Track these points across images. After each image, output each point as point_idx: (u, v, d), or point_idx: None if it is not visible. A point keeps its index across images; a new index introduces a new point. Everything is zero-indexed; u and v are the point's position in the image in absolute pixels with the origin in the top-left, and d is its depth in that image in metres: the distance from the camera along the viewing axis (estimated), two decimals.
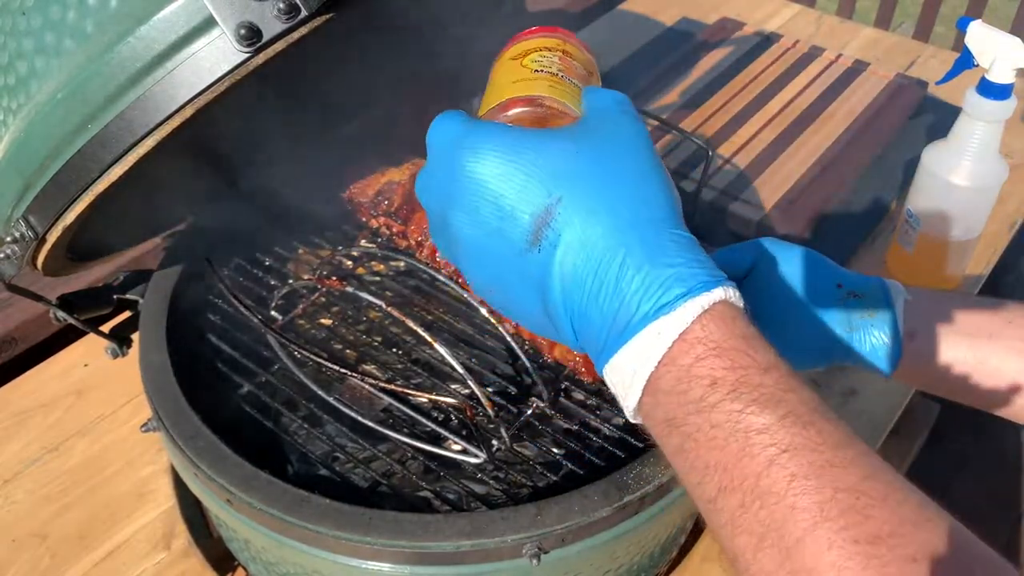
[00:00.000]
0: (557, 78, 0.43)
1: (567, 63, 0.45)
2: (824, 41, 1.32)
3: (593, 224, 0.34)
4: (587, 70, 0.47)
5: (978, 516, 1.55)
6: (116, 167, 0.45)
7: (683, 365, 0.32)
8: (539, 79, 0.43)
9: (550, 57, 0.45)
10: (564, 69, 0.45)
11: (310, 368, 0.64)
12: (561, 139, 0.36)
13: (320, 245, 0.77)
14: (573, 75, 0.44)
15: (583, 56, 0.49)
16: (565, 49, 0.47)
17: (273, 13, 0.40)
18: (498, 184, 0.35)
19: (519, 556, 0.51)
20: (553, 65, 0.45)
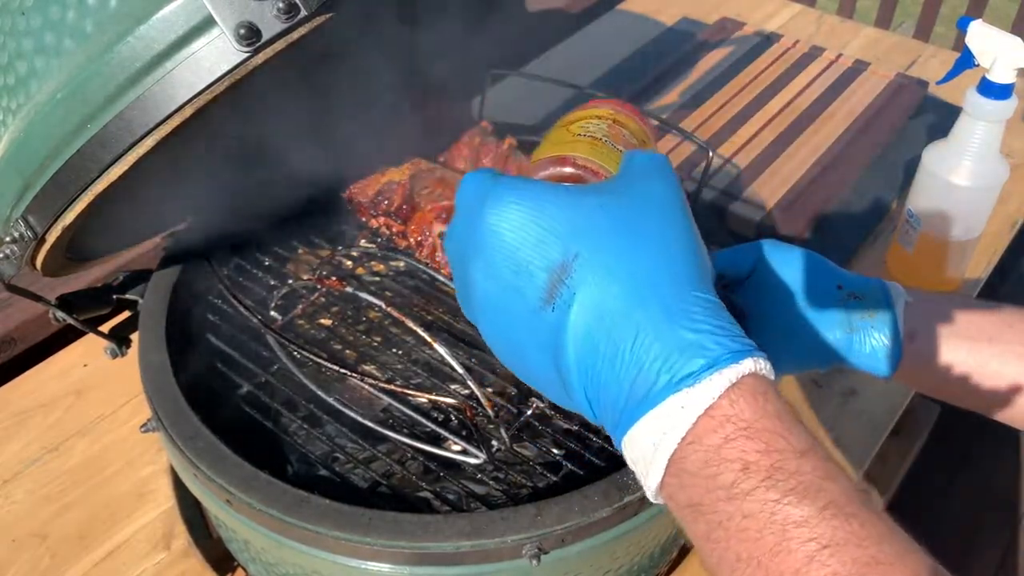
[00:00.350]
0: (600, 142, 0.44)
1: (615, 131, 0.47)
2: (824, 41, 1.32)
3: (610, 283, 0.31)
4: (639, 139, 0.48)
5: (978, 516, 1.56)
6: (115, 167, 0.45)
7: (711, 445, 0.29)
8: (579, 142, 0.44)
9: (598, 124, 0.46)
10: (610, 135, 0.46)
11: (310, 368, 0.64)
12: (586, 194, 0.34)
13: (320, 245, 0.77)
14: (619, 141, 0.45)
15: (635, 126, 0.50)
16: (616, 118, 0.48)
17: (272, 13, 0.40)
18: (515, 236, 0.33)
19: (519, 556, 0.51)
20: (599, 131, 0.46)
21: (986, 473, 1.63)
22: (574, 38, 1.35)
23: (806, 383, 0.85)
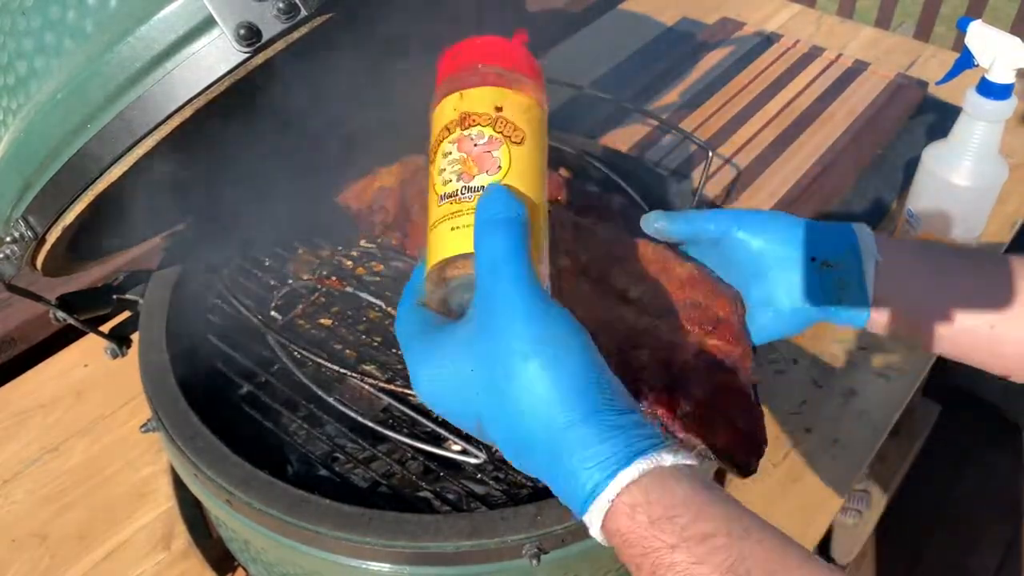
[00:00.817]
0: (460, 204, 0.39)
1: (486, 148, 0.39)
2: (824, 41, 1.32)
3: (508, 439, 0.38)
4: (528, 119, 0.41)
5: (978, 515, 1.56)
6: (116, 167, 0.45)
7: (616, 545, 0.37)
8: (443, 222, 0.39)
9: (468, 144, 0.40)
10: (476, 163, 0.39)
11: (310, 368, 0.64)
12: (461, 357, 0.38)
13: (320, 245, 0.77)
14: (486, 166, 0.39)
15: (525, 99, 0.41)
16: (499, 105, 0.40)
17: (273, 13, 0.40)
18: (442, 408, 0.40)
19: (519, 556, 0.51)
20: (460, 168, 0.39)
21: (986, 472, 1.63)
22: (574, 38, 1.35)
23: (806, 383, 0.85)
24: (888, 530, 1.49)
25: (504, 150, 0.40)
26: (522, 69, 0.43)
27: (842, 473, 0.77)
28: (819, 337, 0.89)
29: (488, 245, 0.38)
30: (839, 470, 0.77)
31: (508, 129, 0.41)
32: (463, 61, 0.43)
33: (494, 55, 0.43)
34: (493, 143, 0.40)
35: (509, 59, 0.43)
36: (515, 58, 0.43)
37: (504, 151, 0.40)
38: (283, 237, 0.76)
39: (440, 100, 0.42)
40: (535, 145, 0.42)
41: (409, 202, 0.68)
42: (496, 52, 0.43)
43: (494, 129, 0.40)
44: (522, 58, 0.44)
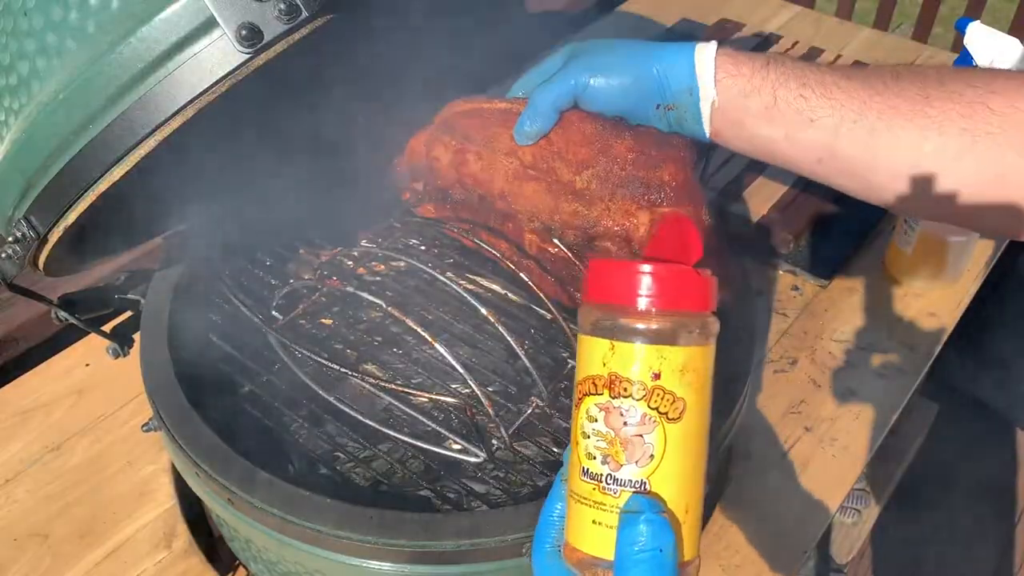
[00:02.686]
0: (603, 495, 0.35)
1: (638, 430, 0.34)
2: (823, 42, 1.32)
3: None
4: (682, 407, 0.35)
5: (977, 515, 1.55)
6: (117, 167, 0.45)
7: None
8: (584, 504, 0.36)
9: (617, 419, 0.35)
10: (624, 447, 0.34)
11: (311, 368, 0.64)
12: None
13: (321, 245, 0.77)
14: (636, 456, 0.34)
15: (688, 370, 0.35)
16: (656, 371, 0.34)
17: (274, 14, 0.40)
18: None
19: (519, 555, 0.52)
20: (606, 447, 0.35)
21: (984, 472, 1.63)
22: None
23: (806, 383, 0.85)
24: (887, 529, 1.49)
25: (659, 433, 0.35)
26: (694, 304, 0.36)
27: (841, 472, 0.77)
28: (819, 337, 0.90)
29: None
30: (838, 469, 0.77)
31: (665, 403, 0.35)
32: (621, 285, 0.35)
33: (661, 288, 0.35)
34: (646, 423, 0.35)
35: (679, 295, 0.35)
36: (688, 291, 0.35)
37: (659, 435, 0.35)
38: (286, 236, 0.77)
39: (586, 333, 0.36)
40: (696, 415, 0.35)
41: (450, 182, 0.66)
42: (664, 284, 0.35)
43: (648, 405, 0.35)
44: (696, 288, 0.36)
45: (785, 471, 0.77)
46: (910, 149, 0.50)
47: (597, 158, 0.55)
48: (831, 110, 0.51)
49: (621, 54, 0.55)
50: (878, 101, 0.50)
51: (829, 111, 0.51)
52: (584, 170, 0.56)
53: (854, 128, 0.51)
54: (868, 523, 1.43)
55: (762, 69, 0.53)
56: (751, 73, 0.53)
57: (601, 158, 0.55)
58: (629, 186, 0.55)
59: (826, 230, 1.00)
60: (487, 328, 0.68)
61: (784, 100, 0.52)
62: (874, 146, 0.51)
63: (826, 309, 0.93)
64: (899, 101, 0.50)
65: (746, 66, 0.53)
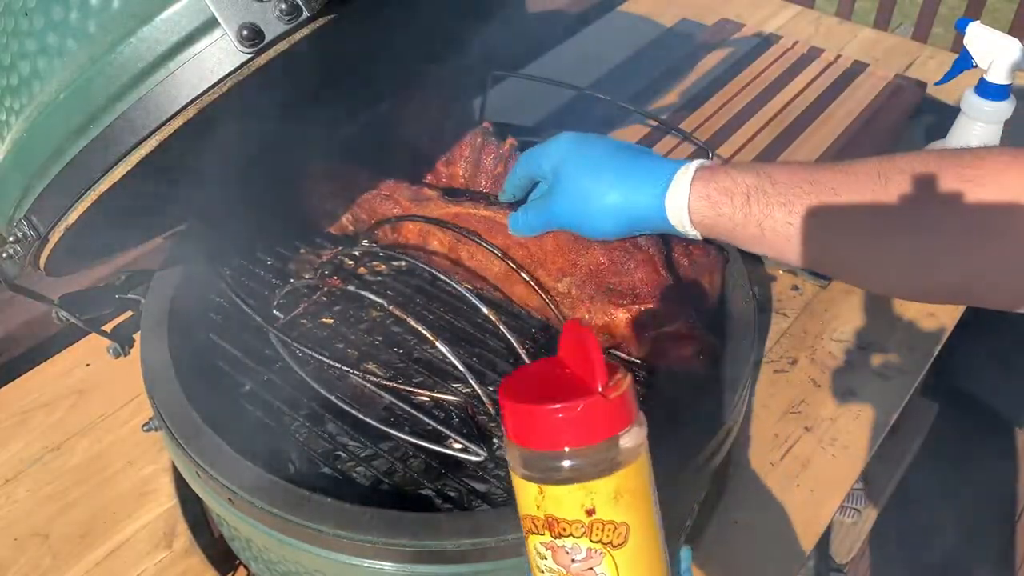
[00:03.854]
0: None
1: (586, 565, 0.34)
2: (823, 42, 1.32)
3: None
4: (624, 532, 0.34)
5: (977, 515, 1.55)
6: (118, 167, 0.45)
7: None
8: None
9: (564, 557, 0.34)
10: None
11: (312, 367, 0.64)
12: None
13: (322, 245, 0.77)
14: None
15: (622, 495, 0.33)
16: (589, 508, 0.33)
17: (275, 14, 0.40)
18: None
19: (520, 555, 0.52)
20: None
21: (984, 472, 1.64)
22: (574, 39, 1.35)
23: (805, 383, 0.85)
24: (886, 529, 1.49)
25: (608, 563, 0.34)
26: (610, 429, 0.33)
27: (841, 472, 0.77)
28: (819, 337, 0.90)
29: None
30: (838, 469, 0.77)
31: (607, 534, 0.33)
32: (534, 430, 0.34)
33: (572, 428, 0.33)
34: (593, 556, 0.34)
35: (592, 428, 0.33)
36: (600, 420, 0.33)
37: (608, 564, 0.34)
38: (287, 236, 0.77)
39: (513, 471, 0.35)
40: (642, 530, 0.34)
41: None
42: (575, 423, 0.33)
43: (590, 540, 0.33)
44: (609, 415, 0.33)
45: (785, 471, 0.77)
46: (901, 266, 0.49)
47: (572, 268, 0.60)
48: (821, 231, 0.50)
49: (602, 193, 0.56)
50: (870, 216, 0.49)
51: (820, 231, 0.50)
52: (563, 277, 0.61)
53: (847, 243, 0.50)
54: (868, 523, 1.43)
55: (743, 207, 0.51)
56: (732, 212, 0.52)
57: (576, 268, 0.60)
58: (605, 292, 0.60)
59: None
60: (488, 327, 0.68)
61: (771, 230, 0.51)
62: (865, 257, 0.50)
63: (826, 309, 0.93)
64: (887, 219, 0.48)
65: (726, 206, 0.52)
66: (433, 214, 0.67)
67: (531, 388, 0.34)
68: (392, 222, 0.69)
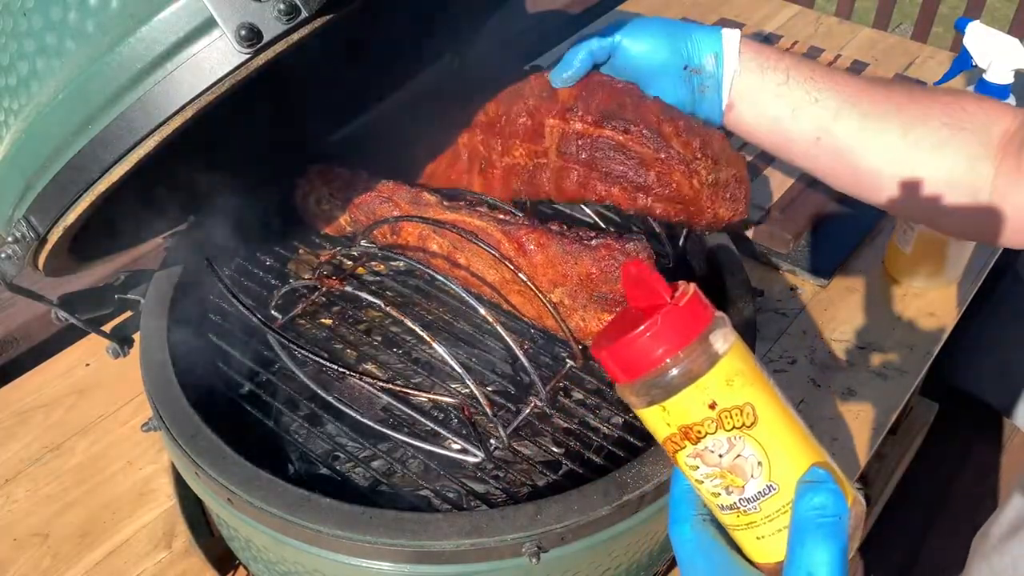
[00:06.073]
0: (749, 516, 0.36)
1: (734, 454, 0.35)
2: (823, 41, 1.32)
3: None
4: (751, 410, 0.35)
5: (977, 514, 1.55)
6: (117, 168, 0.45)
7: None
8: (742, 530, 0.36)
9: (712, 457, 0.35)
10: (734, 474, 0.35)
11: (310, 368, 0.64)
12: None
13: (320, 245, 0.77)
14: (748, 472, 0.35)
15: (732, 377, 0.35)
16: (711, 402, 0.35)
17: (273, 14, 0.40)
18: None
19: (519, 555, 0.52)
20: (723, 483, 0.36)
21: (983, 471, 1.64)
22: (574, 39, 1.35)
23: (805, 382, 0.85)
24: (886, 528, 1.49)
25: (752, 443, 0.35)
26: (697, 327, 0.35)
27: (841, 471, 0.77)
28: (818, 337, 0.90)
29: (808, 555, 0.34)
30: (838, 468, 0.77)
31: (735, 419, 0.35)
32: (635, 359, 0.35)
33: (666, 338, 0.35)
34: (736, 443, 0.35)
35: (683, 331, 0.35)
36: (686, 323, 0.35)
37: (753, 444, 0.35)
38: (286, 236, 0.77)
39: (636, 407, 0.37)
40: (766, 403, 0.36)
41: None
42: (666, 333, 0.35)
43: (725, 430, 0.35)
44: (689, 315, 0.35)
45: None
46: (895, 136, 0.56)
47: (564, 279, 0.60)
48: (833, 93, 0.57)
49: (657, 22, 0.61)
50: (871, 92, 0.57)
51: (831, 93, 0.57)
52: (555, 288, 0.61)
53: (851, 112, 0.57)
54: (868, 523, 1.43)
55: (778, 52, 0.59)
56: (769, 53, 0.59)
57: (567, 279, 0.60)
58: (597, 300, 0.60)
59: (826, 230, 1.00)
60: (486, 328, 0.68)
61: (795, 80, 0.58)
62: (865, 129, 0.57)
63: (826, 309, 0.93)
64: (890, 94, 0.57)
65: (766, 48, 0.59)
66: None
67: (617, 332, 0.36)
68: (391, 222, 0.69)
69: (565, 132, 0.62)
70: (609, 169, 0.61)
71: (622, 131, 0.60)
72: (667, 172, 0.59)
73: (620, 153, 0.60)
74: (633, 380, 0.36)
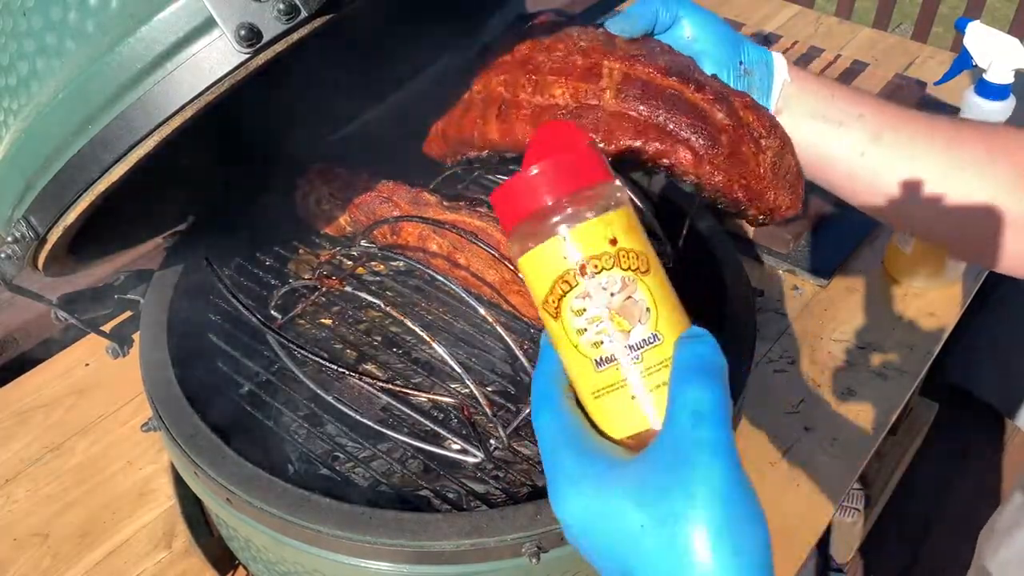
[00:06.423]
0: (625, 368, 0.35)
1: (624, 294, 0.35)
2: (823, 41, 1.32)
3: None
4: (644, 257, 0.36)
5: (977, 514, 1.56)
6: (117, 167, 0.45)
7: None
8: (612, 391, 0.35)
9: (602, 295, 0.35)
10: (622, 315, 0.34)
11: (310, 368, 0.64)
12: (631, 504, 0.34)
13: (320, 245, 0.77)
14: (637, 316, 0.34)
15: (630, 222, 0.36)
16: (612, 237, 0.35)
17: (273, 14, 0.40)
18: (587, 546, 0.35)
19: (519, 555, 0.52)
20: (608, 326, 0.35)
21: (983, 471, 1.64)
22: None
23: (805, 382, 0.85)
24: (886, 528, 1.49)
25: (643, 288, 0.35)
26: (601, 174, 0.36)
27: (841, 472, 0.77)
28: (818, 337, 0.90)
29: (693, 393, 0.34)
30: (838, 469, 0.77)
31: (632, 261, 0.35)
32: (539, 195, 0.35)
33: (572, 176, 0.35)
34: (628, 284, 0.35)
35: (588, 170, 0.36)
36: (590, 164, 0.36)
37: (643, 289, 0.35)
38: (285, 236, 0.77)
39: (531, 245, 0.36)
40: (657, 266, 0.36)
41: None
42: (571, 169, 0.35)
43: (621, 268, 0.35)
44: (593, 159, 0.36)
45: (784, 470, 0.77)
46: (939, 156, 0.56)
47: None
48: (877, 111, 0.57)
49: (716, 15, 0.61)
50: (915, 115, 0.57)
51: (875, 111, 0.57)
52: None
53: (896, 129, 0.56)
54: (868, 523, 1.43)
55: (821, 77, 0.61)
56: (814, 75, 0.60)
57: None
58: None
59: (826, 230, 1.00)
60: (486, 328, 0.68)
61: (840, 97, 0.58)
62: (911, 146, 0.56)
63: (826, 309, 0.93)
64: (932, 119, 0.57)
65: (810, 72, 0.61)
66: None
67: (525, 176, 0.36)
68: (391, 222, 0.69)
69: (629, 75, 0.56)
70: (676, 124, 0.54)
71: (695, 88, 0.54)
72: (737, 141, 0.54)
73: (690, 111, 0.54)
74: (540, 208, 0.35)
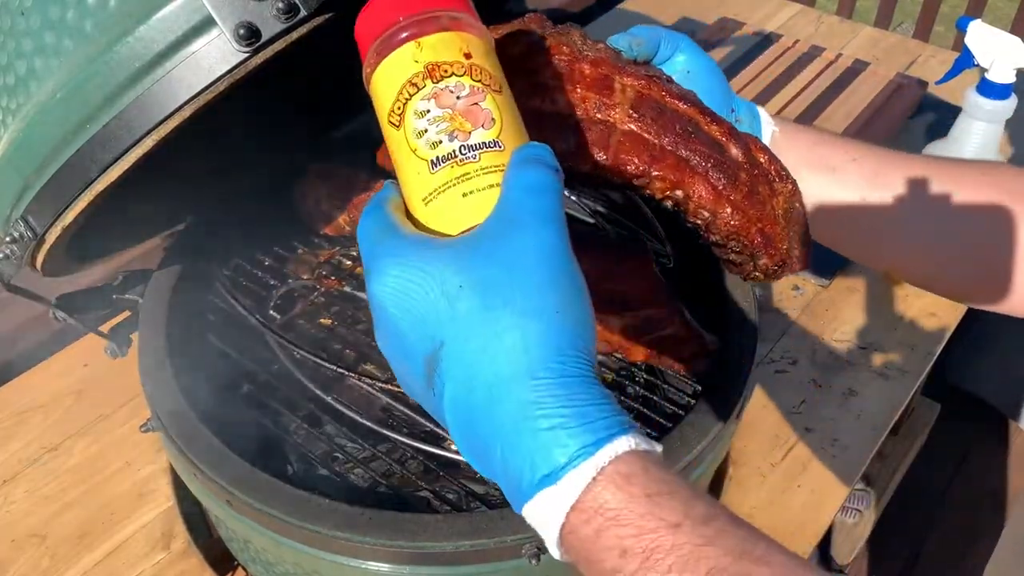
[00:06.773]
0: (464, 166, 0.35)
1: (471, 99, 0.35)
2: (824, 41, 1.32)
3: (470, 378, 0.31)
4: (498, 81, 0.36)
5: (977, 515, 1.56)
6: (115, 167, 0.45)
7: (587, 535, 0.30)
8: (447, 189, 0.35)
9: (448, 97, 0.35)
10: (466, 117, 0.35)
11: (309, 368, 0.64)
12: (451, 269, 0.32)
13: (320, 245, 0.77)
14: (480, 121, 0.35)
15: (489, 54, 0.37)
16: (466, 52, 0.36)
17: (272, 13, 0.40)
18: (396, 315, 0.34)
19: (518, 556, 0.51)
20: (449, 126, 0.35)
21: (984, 472, 1.63)
22: None
23: (806, 383, 0.85)
24: (888, 529, 1.49)
25: (491, 101, 0.36)
26: (461, 7, 0.37)
27: (842, 472, 0.77)
28: (819, 337, 0.89)
29: (529, 174, 0.33)
30: (839, 469, 0.77)
31: (484, 77, 0.36)
32: (398, 11, 0.36)
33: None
34: (476, 93, 0.35)
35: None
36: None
37: (491, 102, 0.36)
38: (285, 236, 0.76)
39: (385, 56, 0.36)
40: (509, 94, 0.37)
41: None
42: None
43: (471, 78, 0.35)
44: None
45: (785, 471, 0.77)
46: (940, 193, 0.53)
47: None
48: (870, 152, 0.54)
49: None
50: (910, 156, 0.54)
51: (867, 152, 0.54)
52: None
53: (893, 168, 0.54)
54: (868, 523, 1.43)
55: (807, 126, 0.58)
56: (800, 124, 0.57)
57: None
58: (599, 302, 0.57)
59: None
60: None
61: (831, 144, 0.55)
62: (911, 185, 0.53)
63: (826, 309, 0.92)
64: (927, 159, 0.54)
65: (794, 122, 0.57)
66: None
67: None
68: None
69: (643, 95, 0.52)
70: (694, 155, 0.50)
71: (711, 119, 0.50)
72: (754, 181, 0.51)
73: (708, 142, 0.50)
74: (395, 22, 0.36)
